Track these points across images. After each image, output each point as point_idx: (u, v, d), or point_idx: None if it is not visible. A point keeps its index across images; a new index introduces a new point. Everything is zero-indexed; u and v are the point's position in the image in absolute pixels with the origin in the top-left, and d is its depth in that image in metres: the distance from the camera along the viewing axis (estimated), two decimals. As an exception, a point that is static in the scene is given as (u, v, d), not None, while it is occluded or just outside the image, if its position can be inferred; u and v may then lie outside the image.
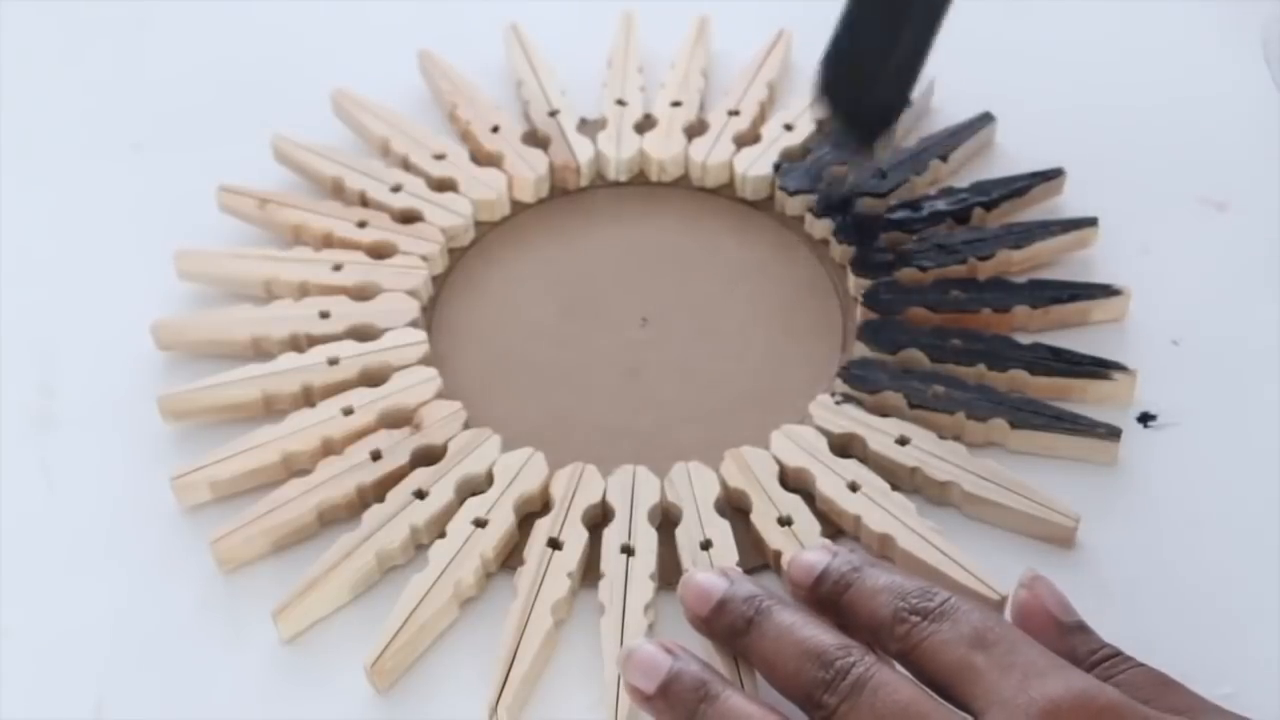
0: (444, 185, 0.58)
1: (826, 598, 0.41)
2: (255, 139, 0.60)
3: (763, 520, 0.47)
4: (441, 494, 0.48)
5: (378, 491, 0.48)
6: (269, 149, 0.59)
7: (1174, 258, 0.55)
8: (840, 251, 0.55)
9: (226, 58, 0.67)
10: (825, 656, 0.38)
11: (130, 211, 0.59)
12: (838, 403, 0.50)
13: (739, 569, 0.45)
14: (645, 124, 0.60)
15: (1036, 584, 0.41)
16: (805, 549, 0.43)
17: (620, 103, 0.61)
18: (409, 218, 0.57)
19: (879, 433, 0.49)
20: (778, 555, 0.46)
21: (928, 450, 0.48)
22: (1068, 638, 0.40)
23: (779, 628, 0.40)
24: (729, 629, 0.41)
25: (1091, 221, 0.55)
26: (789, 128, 0.59)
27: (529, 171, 0.58)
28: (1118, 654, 0.39)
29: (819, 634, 0.39)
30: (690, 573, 0.43)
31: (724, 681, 0.40)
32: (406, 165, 0.59)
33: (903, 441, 0.49)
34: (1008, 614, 0.41)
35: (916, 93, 0.60)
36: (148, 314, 0.53)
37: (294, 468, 0.49)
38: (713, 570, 0.43)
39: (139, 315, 0.53)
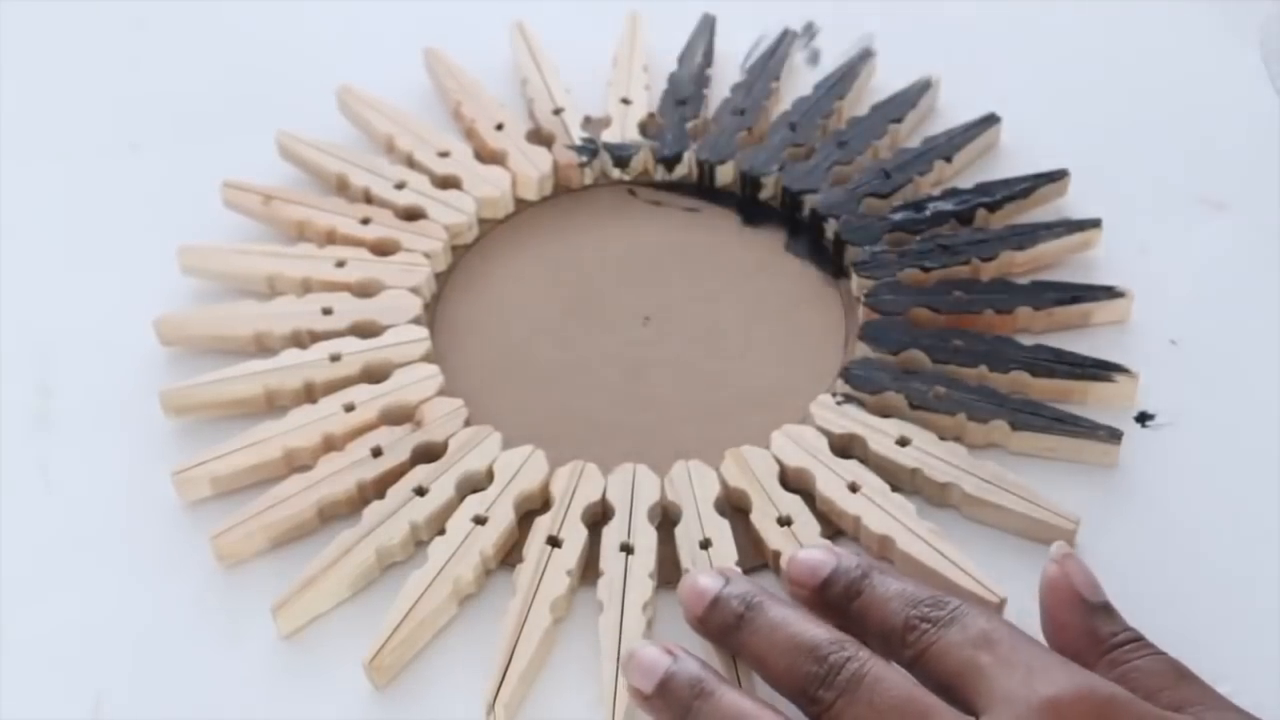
0: (448, 182, 0.58)
1: (835, 602, 0.41)
2: (260, 135, 0.60)
3: (762, 520, 0.47)
4: (442, 491, 0.48)
5: (378, 488, 0.48)
6: (273, 145, 0.60)
7: (1174, 258, 0.55)
8: (846, 252, 0.55)
9: (231, 54, 0.67)
10: (818, 651, 0.38)
11: (134, 208, 0.60)
12: (839, 403, 0.50)
13: (738, 570, 0.45)
14: (649, 123, 0.61)
15: (1067, 561, 0.41)
16: (805, 548, 0.43)
17: (625, 101, 0.61)
18: (412, 215, 0.57)
19: (880, 433, 0.49)
20: (777, 555, 0.46)
21: (928, 451, 0.48)
22: (1091, 617, 0.40)
23: (771, 623, 0.40)
24: (721, 626, 0.41)
25: (1095, 223, 0.55)
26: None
27: (532, 169, 0.58)
28: (1139, 639, 0.39)
29: (811, 628, 0.39)
30: (690, 574, 0.43)
31: (719, 679, 0.40)
32: (411, 162, 0.59)
33: (903, 442, 0.49)
34: (1036, 588, 0.41)
35: (920, 89, 0.61)
36: (150, 310, 0.54)
37: (295, 463, 0.49)
38: (711, 571, 0.43)
39: (142, 311, 0.54)
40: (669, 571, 0.46)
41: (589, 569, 0.46)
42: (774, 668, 0.39)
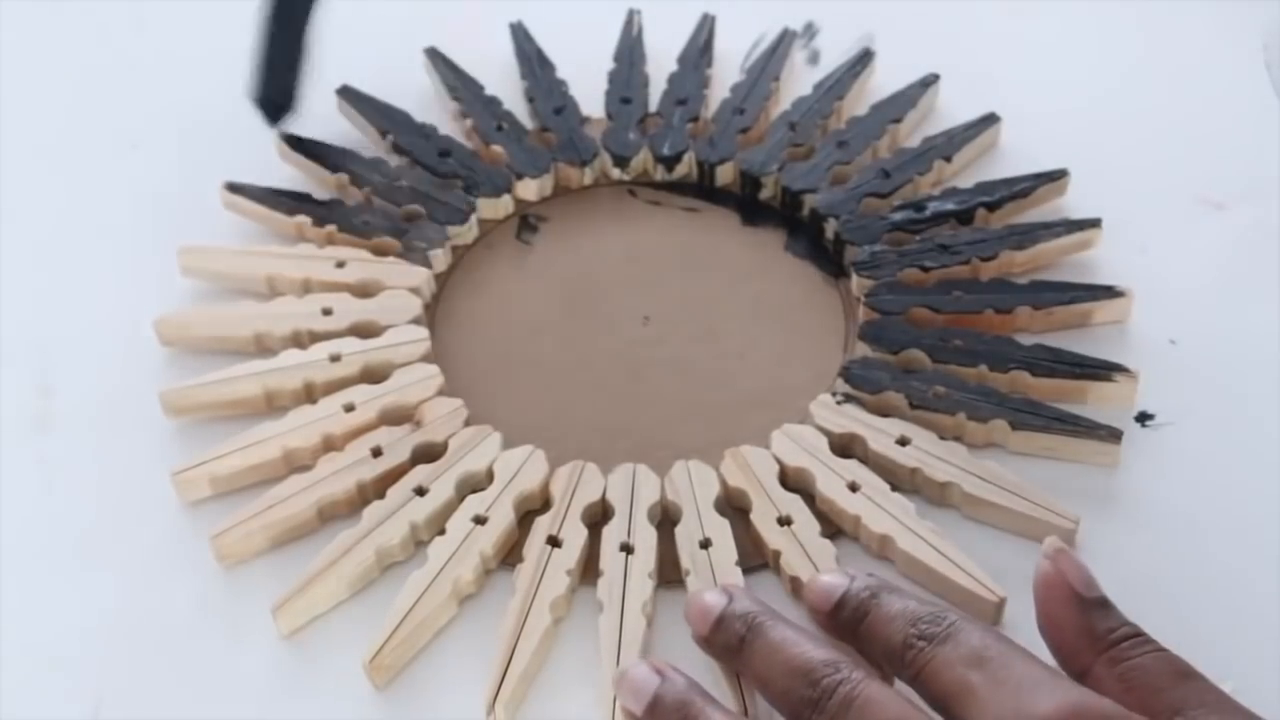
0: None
1: (845, 625, 0.41)
2: (260, 136, 0.60)
3: (762, 519, 0.47)
4: (441, 491, 0.48)
5: (378, 488, 0.48)
6: (273, 145, 0.60)
7: (1174, 258, 0.55)
8: (846, 252, 0.55)
9: (231, 54, 0.67)
10: (812, 674, 0.38)
11: (134, 208, 0.60)
12: (839, 402, 0.50)
13: (743, 587, 0.44)
14: (650, 122, 0.61)
15: (1060, 557, 0.40)
16: (823, 572, 0.43)
17: (625, 100, 0.61)
18: (412, 215, 0.57)
19: (879, 433, 0.49)
20: (777, 555, 0.46)
21: (928, 451, 0.48)
22: (1087, 613, 0.39)
23: (770, 645, 0.40)
24: (725, 647, 0.41)
25: (1095, 223, 0.55)
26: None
27: (533, 170, 0.58)
28: (1138, 634, 0.39)
29: (808, 650, 0.39)
30: (696, 590, 0.43)
31: (708, 700, 0.40)
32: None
33: (903, 442, 0.49)
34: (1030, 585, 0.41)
35: (919, 89, 0.61)
36: (150, 310, 0.54)
37: (295, 464, 0.49)
38: (717, 588, 0.43)
39: (142, 311, 0.54)
40: (669, 571, 0.46)
41: (589, 569, 0.46)
42: (773, 690, 0.39)
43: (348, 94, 0.62)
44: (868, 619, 0.40)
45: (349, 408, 0.50)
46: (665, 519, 0.48)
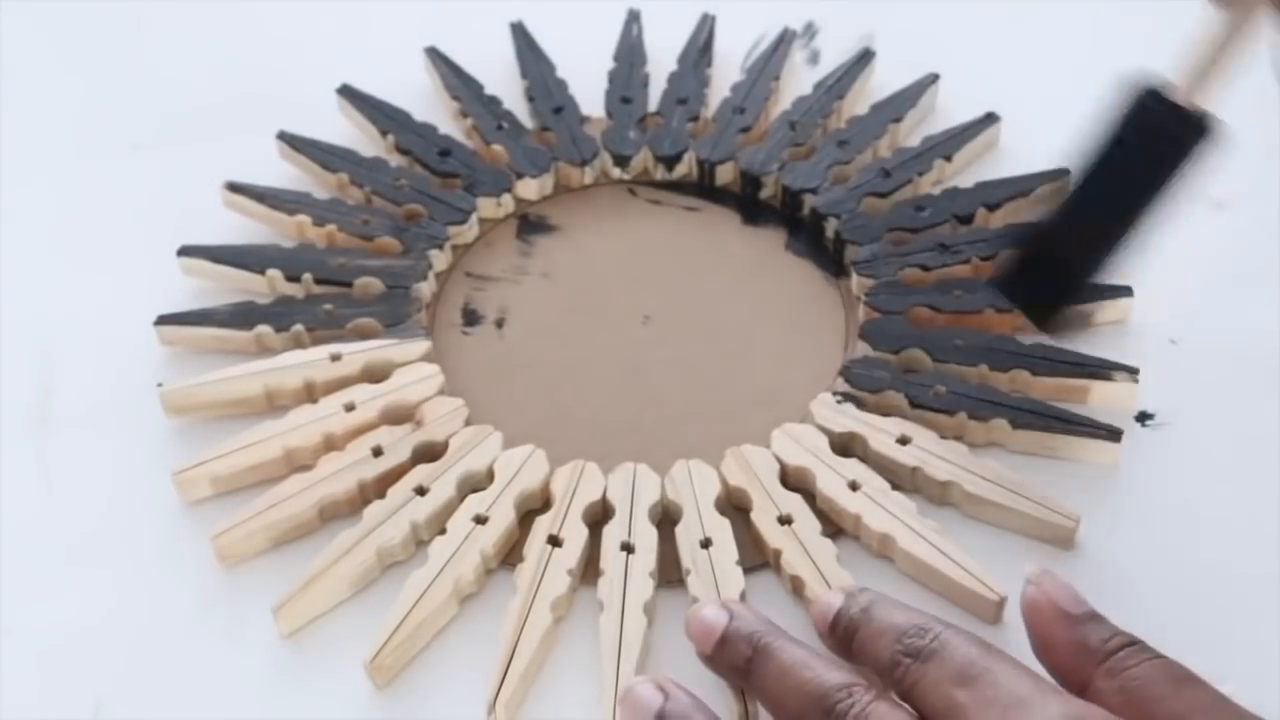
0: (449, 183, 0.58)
1: (841, 642, 0.41)
2: (260, 135, 0.60)
3: (763, 519, 0.47)
4: (442, 490, 0.48)
5: (379, 488, 0.48)
6: (273, 145, 0.60)
7: (1174, 258, 0.55)
8: (846, 252, 0.55)
9: (231, 54, 0.67)
10: (825, 700, 0.38)
11: (134, 208, 0.60)
12: (839, 402, 0.50)
13: (742, 601, 0.44)
14: (650, 121, 0.61)
15: (1044, 580, 0.40)
16: (823, 591, 0.43)
17: (625, 100, 0.61)
18: (412, 215, 0.57)
19: (880, 432, 0.49)
20: (777, 554, 0.46)
21: (929, 450, 0.48)
22: (1079, 629, 0.39)
23: (780, 667, 0.40)
24: (730, 667, 0.41)
25: (1095, 222, 0.55)
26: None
27: (533, 169, 0.58)
28: (1134, 643, 0.39)
29: (820, 674, 0.39)
30: (695, 606, 0.43)
31: (711, 719, 0.40)
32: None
33: (904, 441, 0.49)
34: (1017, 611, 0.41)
35: (919, 89, 0.61)
36: (150, 309, 0.54)
37: (295, 463, 0.49)
38: (716, 603, 0.43)
39: (142, 311, 0.54)
40: (670, 571, 0.46)
41: (590, 568, 0.46)
42: (785, 713, 0.39)
43: (348, 94, 0.62)
44: (859, 634, 0.40)
45: (350, 407, 0.50)
46: (666, 518, 0.48)
